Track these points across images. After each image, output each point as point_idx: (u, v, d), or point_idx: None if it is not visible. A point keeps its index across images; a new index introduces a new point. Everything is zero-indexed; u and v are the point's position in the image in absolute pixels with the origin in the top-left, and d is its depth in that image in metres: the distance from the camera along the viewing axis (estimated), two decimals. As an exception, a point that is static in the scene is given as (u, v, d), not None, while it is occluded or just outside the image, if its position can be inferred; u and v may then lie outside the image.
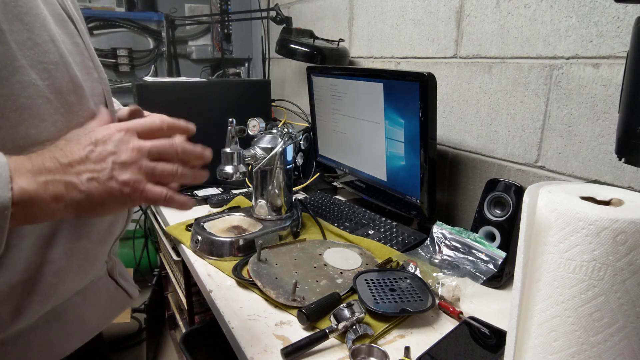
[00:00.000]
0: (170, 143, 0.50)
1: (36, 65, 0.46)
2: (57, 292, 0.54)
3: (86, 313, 0.61)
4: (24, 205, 0.40)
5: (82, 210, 0.44)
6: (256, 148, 1.00)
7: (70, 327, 0.58)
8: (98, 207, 0.45)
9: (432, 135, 0.92)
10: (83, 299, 0.60)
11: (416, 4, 1.19)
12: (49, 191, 0.41)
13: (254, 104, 1.46)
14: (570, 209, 0.41)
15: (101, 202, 0.45)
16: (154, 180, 0.48)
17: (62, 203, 0.42)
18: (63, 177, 0.43)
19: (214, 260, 0.93)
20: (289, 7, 1.87)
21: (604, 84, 0.80)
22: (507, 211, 0.85)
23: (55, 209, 0.42)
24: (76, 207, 0.44)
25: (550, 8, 0.87)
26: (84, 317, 0.60)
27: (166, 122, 0.52)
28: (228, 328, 0.72)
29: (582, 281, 0.40)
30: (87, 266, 0.58)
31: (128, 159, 0.46)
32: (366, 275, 0.81)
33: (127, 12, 2.05)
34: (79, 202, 0.43)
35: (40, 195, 0.41)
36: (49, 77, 0.47)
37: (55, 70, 0.48)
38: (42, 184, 0.41)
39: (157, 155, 0.48)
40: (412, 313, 0.71)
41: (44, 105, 0.47)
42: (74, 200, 0.43)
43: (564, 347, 0.42)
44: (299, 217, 1.09)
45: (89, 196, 0.44)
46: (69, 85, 0.50)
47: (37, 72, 0.46)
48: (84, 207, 0.44)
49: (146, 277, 2.03)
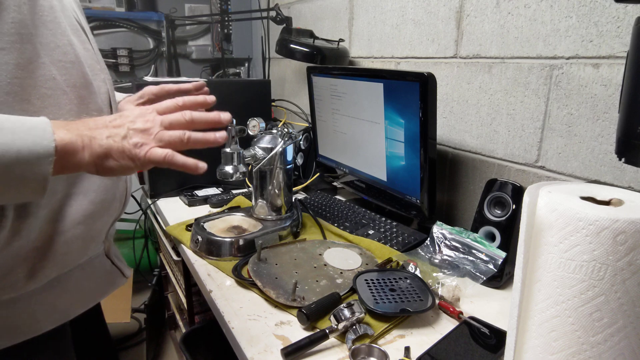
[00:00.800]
0: (181, 114, 0.56)
1: (56, 63, 0.56)
2: (64, 260, 0.62)
3: (84, 284, 0.68)
4: (62, 153, 0.48)
5: (100, 164, 0.52)
6: (256, 148, 1.00)
7: (71, 294, 0.66)
8: (113, 162, 0.52)
9: (432, 135, 0.92)
10: (82, 272, 0.67)
11: (416, 4, 1.19)
12: (80, 142, 0.50)
13: (254, 104, 1.46)
14: (570, 209, 0.41)
15: (115, 157, 0.52)
16: (164, 146, 0.54)
17: (88, 153, 0.50)
18: (89, 132, 0.51)
19: (214, 260, 0.93)
20: (289, 7, 1.87)
21: (604, 84, 0.80)
22: (507, 211, 0.85)
23: (82, 159, 0.50)
24: (96, 160, 0.51)
25: (550, 8, 0.87)
26: (83, 287, 0.68)
27: (183, 100, 0.59)
28: (228, 328, 0.72)
29: (582, 281, 0.40)
30: (89, 240, 0.66)
31: (141, 127, 0.54)
32: (366, 275, 0.81)
33: (127, 12, 2.05)
34: (99, 155, 0.51)
35: (74, 144, 0.49)
36: (66, 73, 0.57)
37: (72, 68, 0.58)
38: (75, 135, 0.50)
39: (169, 125, 0.55)
40: (412, 313, 0.71)
41: (62, 96, 0.57)
42: (95, 153, 0.51)
43: (564, 347, 0.42)
44: (299, 217, 1.09)
45: (106, 151, 0.51)
46: (82, 81, 0.60)
47: (57, 69, 0.56)
48: (102, 160, 0.52)
49: (146, 277, 2.03)
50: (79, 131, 0.51)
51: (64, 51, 0.57)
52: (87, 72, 0.61)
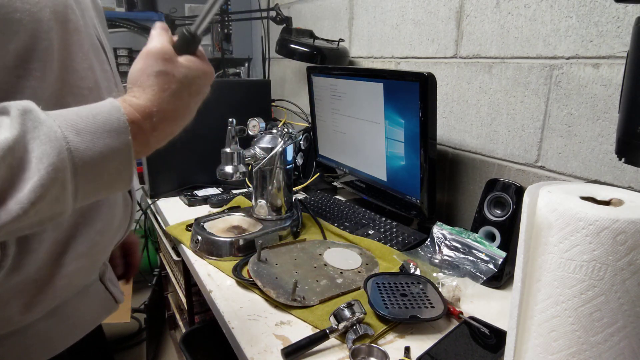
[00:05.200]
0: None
1: (73, 89, 0.52)
2: (64, 292, 0.58)
3: (79, 313, 0.64)
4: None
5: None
6: (256, 148, 1.00)
7: (65, 324, 0.62)
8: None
9: (432, 135, 0.92)
10: (78, 300, 0.64)
11: (416, 4, 1.19)
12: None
13: (254, 104, 1.46)
14: (570, 209, 0.41)
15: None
16: None
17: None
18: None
19: (214, 260, 0.93)
20: (289, 7, 1.87)
21: (604, 84, 0.80)
22: (507, 211, 0.85)
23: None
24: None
25: (550, 8, 0.87)
26: (77, 316, 0.64)
27: None
28: (228, 328, 0.72)
29: (582, 281, 0.40)
30: (91, 271, 0.63)
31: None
32: (378, 279, 0.80)
33: (127, 12, 2.05)
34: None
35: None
36: (83, 100, 0.52)
37: (89, 94, 0.54)
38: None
39: None
40: (422, 321, 0.70)
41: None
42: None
43: (564, 347, 0.42)
44: (299, 217, 1.09)
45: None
46: None
47: (73, 96, 0.52)
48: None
49: (146, 277, 2.03)
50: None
51: (81, 76, 0.54)
52: (104, 96, 0.55)
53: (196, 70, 0.49)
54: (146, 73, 0.46)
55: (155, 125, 0.46)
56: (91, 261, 0.61)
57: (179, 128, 0.50)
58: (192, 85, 0.48)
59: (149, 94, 0.46)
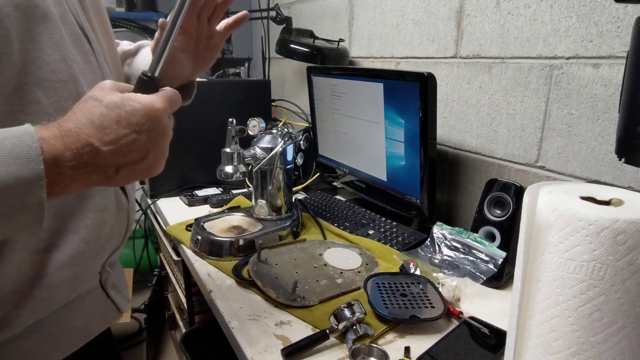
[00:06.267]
0: None
1: (42, 82, 0.48)
2: (45, 306, 0.54)
3: (70, 326, 0.60)
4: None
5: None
6: (256, 148, 1.00)
7: (52, 340, 0.58)
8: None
9: (432, 135, 0.92)
10: (68, 312, 0.59)
11: (416, 4, 1.19)
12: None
13: (254, 104, 1.46)
14: (570, 209, 0.41)
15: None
16: None
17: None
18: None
19: (214, 260, 0.93)
20: (289, 7, 1.87)
21: (604, 84, 0.80)
22: (507, 211, 0.85)
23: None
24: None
25: (550, 8, 0.87)
26: (68, 329, 0.60)
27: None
28: (228, 328, 0.72)
29: (582, 281, 0.40)
30: (77, 282, 0.58)
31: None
32: (378, 279, 0.80)
33: (127, 12, 2.05)
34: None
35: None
36: (55, 94, 0.49)
37: (62, 88, 0.50)
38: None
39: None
40: (422, 321, 0.70)
41: (47, 121, 0.46)
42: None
43: (564, 347, 0.42)
44: (299, 217, 1.09)
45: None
46: (74, 103, 0.48)
47: (43, 89, 0.48)
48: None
49: (146, 277, 2.03)
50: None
51: (52, 69, 0.49)
52: (83, 91, 0.52)
53: (136, 104, 0.43)
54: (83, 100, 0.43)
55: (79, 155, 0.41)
56: (77, 271, 0.57)
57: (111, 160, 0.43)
58: (129, 116, 0.43)
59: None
